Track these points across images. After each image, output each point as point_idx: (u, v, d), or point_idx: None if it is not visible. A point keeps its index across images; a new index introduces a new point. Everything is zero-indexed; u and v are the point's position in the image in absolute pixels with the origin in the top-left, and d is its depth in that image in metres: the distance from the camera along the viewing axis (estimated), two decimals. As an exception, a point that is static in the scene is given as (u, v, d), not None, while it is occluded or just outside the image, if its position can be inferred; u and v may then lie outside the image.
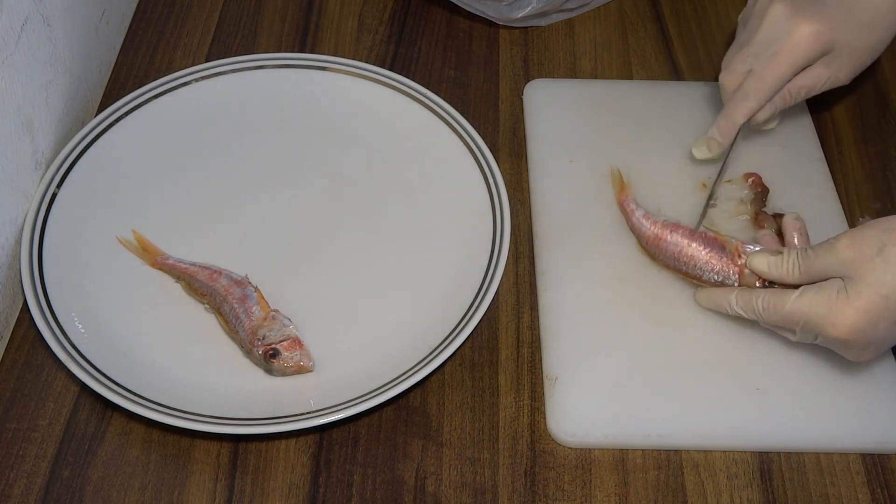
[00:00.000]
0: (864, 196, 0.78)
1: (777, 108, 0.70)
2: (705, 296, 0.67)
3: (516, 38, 0.88)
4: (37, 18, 0.70)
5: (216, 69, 0.80)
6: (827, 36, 0.66)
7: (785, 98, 0.70)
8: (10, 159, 0.67)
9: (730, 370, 0.66)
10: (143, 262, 0.70)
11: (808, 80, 0.69)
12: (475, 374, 0.67)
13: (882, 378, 0.66)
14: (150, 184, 0.75)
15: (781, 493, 0.62)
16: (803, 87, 0.69)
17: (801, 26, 0.66)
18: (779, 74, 0.68)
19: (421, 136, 0.77)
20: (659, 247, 0.69)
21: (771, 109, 0.70)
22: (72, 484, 0.61)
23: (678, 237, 0.68)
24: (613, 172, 0.75)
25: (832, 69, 0.69)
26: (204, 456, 0.63)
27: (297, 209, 0.74)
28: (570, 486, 0.62)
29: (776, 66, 0.67)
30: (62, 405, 0.65)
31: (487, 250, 0.69)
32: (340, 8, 0.91)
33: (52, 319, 0.64)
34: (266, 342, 0.64)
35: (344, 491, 0.62)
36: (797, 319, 0.60)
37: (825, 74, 0.69)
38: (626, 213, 0.73)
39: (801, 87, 0.69)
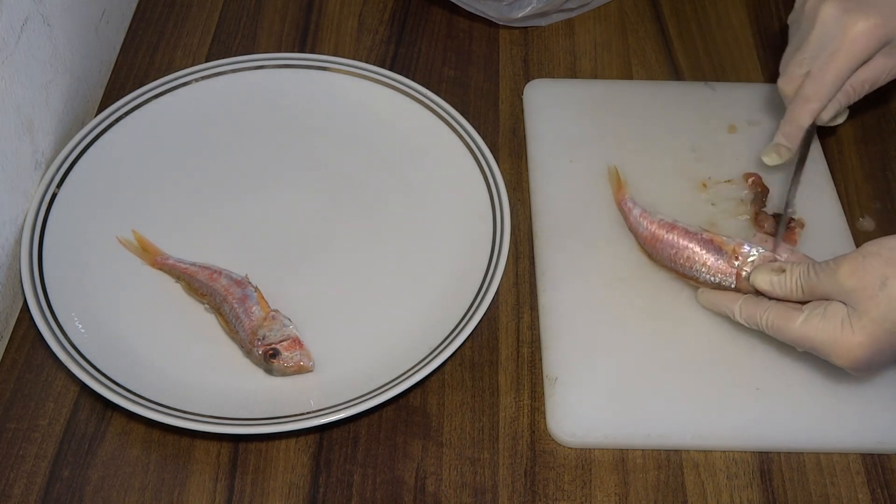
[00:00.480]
0: (864, 196, 0.78)
1: (841, 104, 0.70)
2: (707, 298, 0.67)
3: (516, 38, 0.88)
4: (37, 18, 0.70)
5: (216, 69, 0.80)
6: (883, 29, 0.66)
7: (848, 94, 0.69)
8: (10, 159, 0.67)
9: (730, 370, 0.66)
10: (143, 262, 0.70)
11: (870, 73, 0.68)
12: (475, 374, 0.67)
13: (882, 378, 0.66)
14: (150, 184, 0.75)
15: (781, 493, 0.62)
16: (867, 81, 0.69)
17: (856, 23, 0.65)
18: (838, 74, 0.67)
19: (421, 136, 0.77)
20: (656, 247, 0.69)
21: (835, 107, 0.69)
22: (72, 484, 0.61)
23: (675, 237, 0.68)
24: (610, 171, 0.75)
25: (894, 59, 0.68)
26: (204, 456, 0.63)
27: (297, 209, 0.74)
28: (570, 486, 0.62)
29: (834, 65, 0.67)
30: (62, 405, 0.65)
31: (487, 250, 0.69)
32: (340, 8, 0.91)
33: (52, 319, 0.64)
34: (266, 342, 0.64)
35: (344, 491, 0.62)
36: (802, 343, 0.61)
37: (888, 65, 0.68)
38: (624, 211, 0.73)
39: (865, 81, 0.69)
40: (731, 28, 0.90)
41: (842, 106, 0.69)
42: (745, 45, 0.89)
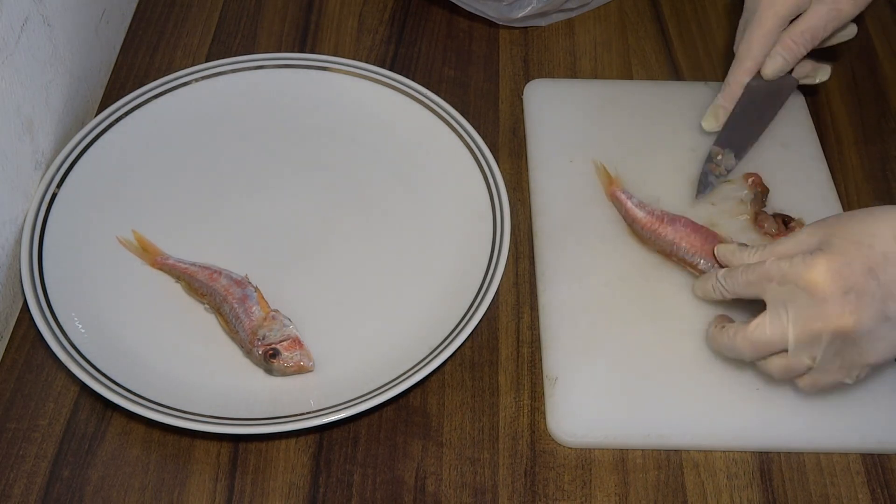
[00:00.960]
0: (864, 196, 0.78)
1: (786, 59, 0.72)
2: (699, 285, 0.68)
3: (516, 38, 0.88)
4: (37, 18, 0.70)
5: (216, 69, 0.80)
6: None
7: (790, 46, 0.71)
8: (10, 159, 0.67)
9: (730, 370, 0.66)
10: (143, 262, 0.70)
11: (807, 22, 0.70)
12: (475, 374, 0.67)
13: (882, 378, 0.66)
14: (150, 184, 0.75)
15: (781, 493, 0.62)
16: (806, 31, 0.70)
17: None
18: (763, 30, 0.71)
19: (421, 136, 0.77)
20: (657, 232, 0.70)
21: (779, 61, 0.72)
22: (72, 484, 0.61)
23: (679, 226, 0.70)
24: (598, 167, 0.76)
25: (828, 4, 0.70)
26: (204, 456, 0.63)
27: (296, 209, 0.74)
28: (570, 486, 0.62)
29: (757, 23, 0.70)
30: (62, 405, 0.65)
31: (487, 250, 0.69)
32: (340, 8, 0.91)
33: (52, 319, 0.64)
34: (266, 342, 0.64)
35: (344, 491, 0.62)
36: (773, 274, 0.58)
37: (823, 11, 0.70)
38: (620, 201, 0.73)
39: (805, 31, 0.70)
40: (731, 28, 0.90)
41: (786, 60, 0.72)
42: (745, 45, 0.88)
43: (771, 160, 0.77)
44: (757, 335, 0.59)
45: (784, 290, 0.58)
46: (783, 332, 0.58)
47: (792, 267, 0.57)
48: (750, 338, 0.60)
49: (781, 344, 0.58)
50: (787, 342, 0.58)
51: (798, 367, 0.59)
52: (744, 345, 0.60)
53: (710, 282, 0.65)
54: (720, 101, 0.76)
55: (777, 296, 0.58)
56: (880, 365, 0.59)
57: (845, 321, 0.56)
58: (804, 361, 0.59)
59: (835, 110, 0.84)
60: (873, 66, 0.87)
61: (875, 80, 0.86)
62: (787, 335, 0.58)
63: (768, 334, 0.59)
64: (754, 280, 0.60)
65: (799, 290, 0.57)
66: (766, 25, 0.70)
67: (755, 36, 0.71)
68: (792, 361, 0.59)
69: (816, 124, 0.81)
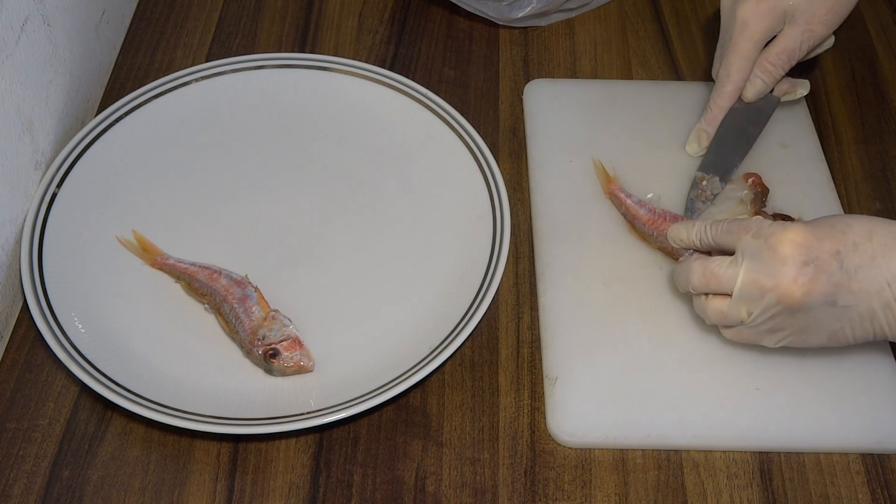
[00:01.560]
0: (864, 196, 0.78)
1: (766, 81, 0.73)
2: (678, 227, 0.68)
3: (516, 38, 0.88)
4: (37, 18, 0.70)
5: (216, 69, 0.80)
6: (769, 5, 0.70)
7: (768, 69, 0.73)
8: (10, 159, 0.67)
9: (730, 370, 0.66)
10: (143, 262, 0.70)
11: (783, 43, 0.72)
12: (475, 374, 0.67)
13: (882, 378, 0.66)
14: (150, 184, 0.75)
15: (781, 493, 0.62)
16: (783, 52, 0.72)
17: (744, 6, 0.70)
18: (739, 55, 0.72)
19: (421, 136, 0.77)
20: (659, 229, 0.70)
21: (759, 85, 0.73)
22: (72, 484, 0.61)
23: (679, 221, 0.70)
24: (596, 165, 0.76)
25: (801, 26, 0.71)
26: (204, 456, 0.63)
27: (296, 209, 0.74)
28: (570, 486, 0.62)
29: (733, 48, 0.72)
30: (62, 405, 0.65)
31: (487, 250, 0.69)
32: (340, 8, 0.91)
33: (52, 319, 0.64)
34: (266, 342, 0.64)
35: (344, 491, 0.62)
36: (751, 226, 0.60)
37: (797, 32, 0.71)
38: (619, 199, 0.73)
39: (781, 52, 0.72)
40: (731, 28, 0.90)
41: (765, 83, 0.73)
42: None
43: (771, 160, 0.77)
44: (712, 267, 0.61)
45: (754, 244, 0.60)
46: (734, 276, 0.60)
47: (770, 226, 0.60)
48: (704, 267, 0.62)
49: (728, 285, 0.60)
50: (733, 286, 0.60)
51: (732, 317, 0.61)
52: (697, 270, 0.62)
53: (695, 226, 0.66)
54: (702, 126, 0.76)
55: (746, 246, 0.60)
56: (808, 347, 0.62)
57: (794, 290, 0.58)
58: (740, 313, 0.61)
59: (835, 110, 0.84)
60: (873, 66, 0.87)
61: (875, 80, 0.86)
62: (737, 279, 0.60)
63: (721, 271, 0.61)
64: (734, 229, 0.62)
65: (766, 247, 0.59)
66: (742, 50, 0.72)
67: (732, 61, 0.72)
68: (730, 309, 0.61)
69: (816, 124, 0.81)
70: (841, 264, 0.57)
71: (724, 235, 0.63)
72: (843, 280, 0.57)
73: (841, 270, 0.57)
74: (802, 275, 0.57)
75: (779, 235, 0.58)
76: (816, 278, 0.57)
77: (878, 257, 0.57)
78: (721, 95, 0.74)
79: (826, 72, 0.87)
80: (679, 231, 0.67)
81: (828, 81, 0.86)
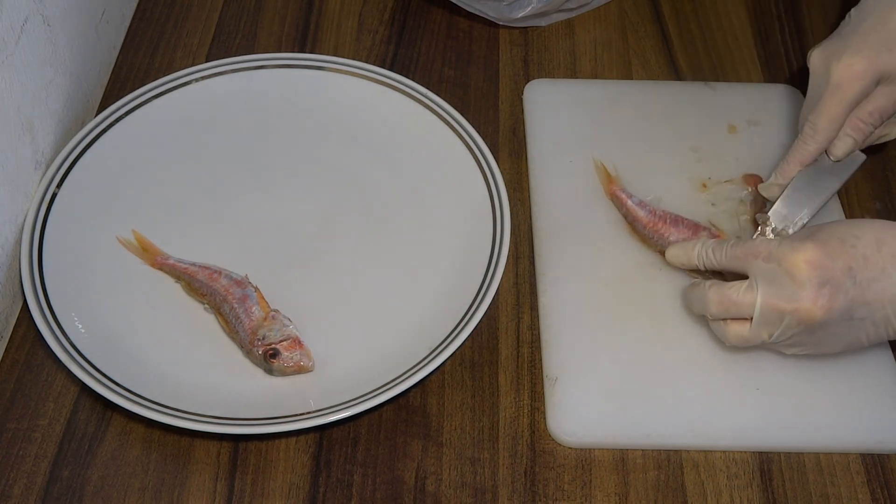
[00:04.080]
0: (864, 196, 0.78)
1: (856, 140, 0.71)
2: (678, 250, 0.68)
3: (516, 38, 0.88)
4: (37, 18, 0.70)
5: (216, 69, 0.80)
6: (865, 67, 0.67)
7: (859, 127, 0.70)
8: (10, 159, 0.67)
9: (730, 370, 0.66)
10: (143, 262, 0.70)
11: (874, 104, 0.69)
12: (475, 374, 0.67)
13: (882, 378, 0.66)
14: (150, 184, 0.75)
15: (781, 493, 0.62)
16: (874, 112, 0.70)
17: (837, 67, 0.67)
18: (829, 117, 0.69)
19: (421, 136, 0.77)
20: (659, 232, 0.70)
21: (848, 143, 0.70)
22: (72, 484, 0.61)
23: (681, 227, 0.70)
24: (597, 165, 0.76)
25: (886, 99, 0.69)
26: (204, 456, 0.63)
27: (296, 209, 0.74)
28: (570, 486, 0.62)
29: (823, 109, 0.69)
30: (62, 405, 0.65)
31: (487, 250, 0.69)
32: (340, 8, 0.91)
33: (52, 319, 0.64)
34: (266, 342, 0.64)
35: (344, 491, 0.62)
36: (760, 251, 0.61)
37: (891, 93, 0.69)
38: (620, 200, 0.73)
39: (871, 113, 0.70)
40: (731, 28, 0.90)
41: (856, 141, 0.71)
42: (745, 45, 0.89)
43: (771, 160, 0.77)
44: (729, 294, 0.62)
45: (767, 268, 0.60)
46: (752, 301, 0.60)
47: (780, 248, 0.60)
48: (722, 293, 0.62)
49: (747, 311, 0.61)
50: (752, 311, 0.61)
51: (753, 340, 0.62)
52: (714, 298, 0.63)
53: (695, 249, 0.66)
54: (775, 179, 0.73)
55: (759, 271, 0.61)
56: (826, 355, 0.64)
57: (814, 312, 0.59)
58: (761, 335, 0.61)
59: (835, 110, 0.84)
60: (873, 66, 0.87)
61: (875, 80, 0.86)
62: (755, 305, 0.60)
63: (739, 297, 0.61)
64: (741, 255, 0.62)
65: (780, 271, 0.59)
66: (832, 113, 0.69)
67: (821, 121, 0.69)
68: (750, 332, 0.62)
69: (816, 124, 0.81)
70: (854, 279, 0.58)
71: (732, 261, 0.63)
72: (857, 294, 0.58)
73: (855, 285, 0.58)
74: (821, 296, 0.58)
75: (792, 259, 0.59)
76: (834, 297, 0.58)
77: (888, 268, 0.58)
78: (802, 153, 0.71)
79: (826, 72, 0.87)
80: (678, 255, 0.68)
81: (828, 81, 0.86)
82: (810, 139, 0.71)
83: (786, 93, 0.83)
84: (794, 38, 0.89)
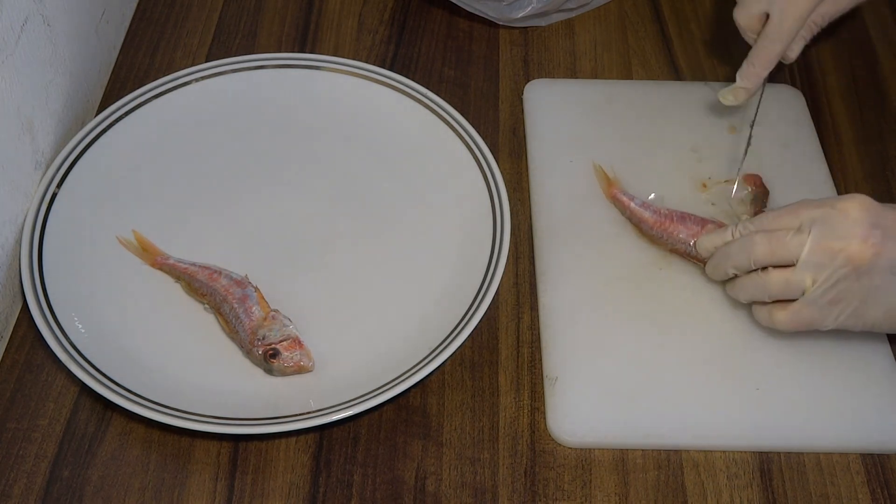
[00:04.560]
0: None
1: (805, 40, 0.70)
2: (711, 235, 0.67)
3: (516, 38, 0.88)
4: (37, 18, 0.70)
5: (216, 69, 0.80)
6: None
7: (811, 28, 0.70)
8: (10, 159, 0.67)
9: (730, 370, 0.66)
10: (143, 262, 0.70)
11: (832, 6, 0.69)
12: (475, 374, 0.67)
13: (882, 378, 0.66)
14: (150, 184, 0.75)
15: (781, 493, 0.62)
16: (826, 14, 0.69)
17: None
18: (800, 14, 0.68)
19: (421, 136, 0.77)
20: (668, 231, 0.70)
21: (801, 44, 0.70)
22: (72, 484, 0.61)
23: (689, 223, 0.70)
24: (596, 168, 0.76)
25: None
26: (204, 456, 0.63)
27: (296, 209, 0.74)
28: (570, 486, 0.62)
29: (796, 6, 0.67)
30: (62, 405, 0.65)
31: (487, 250, 0.69)
32: (340, 8, 0.91)
33: (52, 319, 0.64)
34: (266, 342, 0.64)
35: (344, 491, 0.62)
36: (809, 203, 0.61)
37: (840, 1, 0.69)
38: (622, 203, 0.73)
39: (825, 14, 0.69)
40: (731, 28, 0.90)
41: (805, 41, 0.70)
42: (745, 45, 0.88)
43: (771, 160, 0.77)
44: (778, 236, 0.61)
45: (818, 212, 0.60)
46: (801, 242, 0.60)
47: (829, 199, 0.60)
48: (770, 235, 0.61)
49: (795, 254, 0.60)
50: (800, 253, 0.60)
51: (797, 284, 0.61)
52: (761, 240, 0.61)
53: (728, 230, 0.65)
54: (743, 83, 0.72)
55: (809, 216, 0.60)
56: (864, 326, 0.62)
57: (865, 250, 0.58)
58: (805, 280, 0.60)
59: (835, 110, 0.84)
60: (873, 66, 0.87)
61: (875, 80, 0.86)
62: (804, 245, 0.59)
63: (788, 238, 0.60)
64: (788, 211, 0.62)
65: (833, 212, 0.59)
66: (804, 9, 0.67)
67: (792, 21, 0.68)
68: (794, 275, 0.60)
69: (816, 124, 0.81)
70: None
71: (777, 220, 0.62)
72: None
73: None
74: (872, 236, 0.58)
75: (846, 202, 0.59)
76: (885, 241, 0.58)
77: None
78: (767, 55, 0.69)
79: (826, 72, 0.87)
80: (711, 240, 0.67)
81: (828, 81, 0.86)
82: (777, 38, 0.68)
83: (786, 93, 0.83)
84: (794, 38, 0.89)
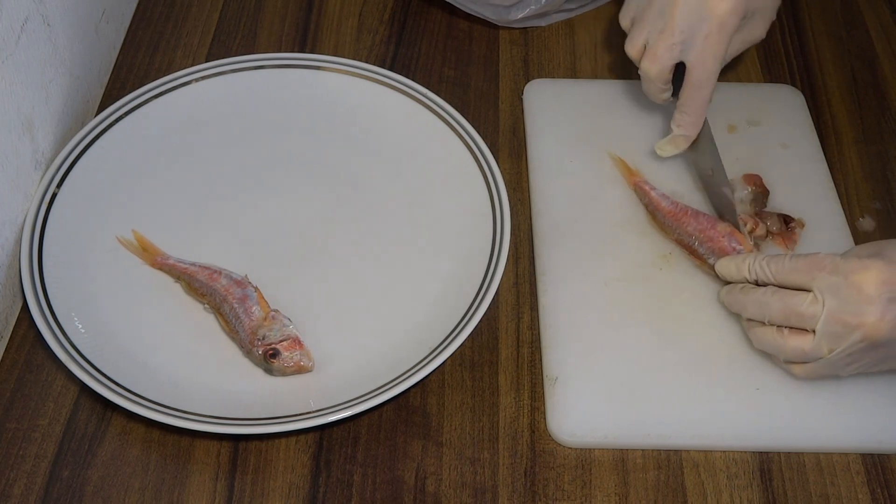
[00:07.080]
0: (864, 196, 0.78)
1: None
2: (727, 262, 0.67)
3: (516, 39, 0.88)
4: (37, 18, 0.70)
5: (216, 69, 0.80)
6: (744, 6, 0.68)
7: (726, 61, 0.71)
8: (10, 159, 0.67)
9: (730, 370, 0.66)
10: (143, 262, 0.70)
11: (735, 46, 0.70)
12: (475, 374, 0.67)
13: (882, 378, 0.66)
14: (150, 184, 0.75)
15: (781, 493, 0.62)
16: (731, 55, 0.71)
17: (720, 4, 0.67)
18: (719, 56, 0.69)
19: (421, 136, 0.77)
20: (680, 221, 0.71)
21: None
22: (72, 484, 0.61)
23: (702, 219, 0.71)
24: (616, 160, 0.76)
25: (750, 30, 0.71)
26: (204, 456, 0.63)
27: (296, 209, 0.74)
28: (570, 486, 0.62)
29: (714, 49, 0.68)
30: (62, 405, 0.65)
31: (487, 250, 0.69)
32: (340, 8, 0.91)
33: (52, 319, 0.64)
34: (266, 342, 0.64)
35: (344, 491, 0.62)
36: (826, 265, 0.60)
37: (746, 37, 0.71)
38: (643, 191, 0.74)
39: (730, 55, 0.70)
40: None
41: None
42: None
43: (771, 160, 0.77)
44: (794, 303, 0.60)
45: (833, 281, 0.59)
46: (817, 313, 0.59)
47: (846, 262, 0.59)
48: (786, 301, 0.61)
49: (810, 322, 0.60)
50: (815, 324, 0.59)
51: (814, 354, 0.61)
52: (777, 305, 0.61)
53: (746, 262, 0.65)
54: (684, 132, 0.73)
55: (824, 284, 0.59)
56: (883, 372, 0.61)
57: (881, 328, 0.57)
58: (822, 350, 0.60)
59: (835, 110, 0.84)
60: (873, 66, 0.87)
61: (875, 80, 0.86)
62: (819, 318, 0.59)
63: (803, 308, 0.60)
64: (803, 268, 0.61)
65: (847, 284, 0.58)
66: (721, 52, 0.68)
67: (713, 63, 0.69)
68: (811, 346, 0.60)
69: (816, 124, 0.81)
70: None
71: (792, 274, 0.61)
72: None
73: None
74: (889, 312, 0.57)
75: (860, 274, 0.58)
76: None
77: None
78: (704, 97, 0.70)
79: (826, 72, 0.87)
80: (728, 266, 0.67)
81: (828, 81, 0.86)
82: (706, 82, 0.69)
83: (786, 93, 0.83)
84: (794, 38, 0.89)
